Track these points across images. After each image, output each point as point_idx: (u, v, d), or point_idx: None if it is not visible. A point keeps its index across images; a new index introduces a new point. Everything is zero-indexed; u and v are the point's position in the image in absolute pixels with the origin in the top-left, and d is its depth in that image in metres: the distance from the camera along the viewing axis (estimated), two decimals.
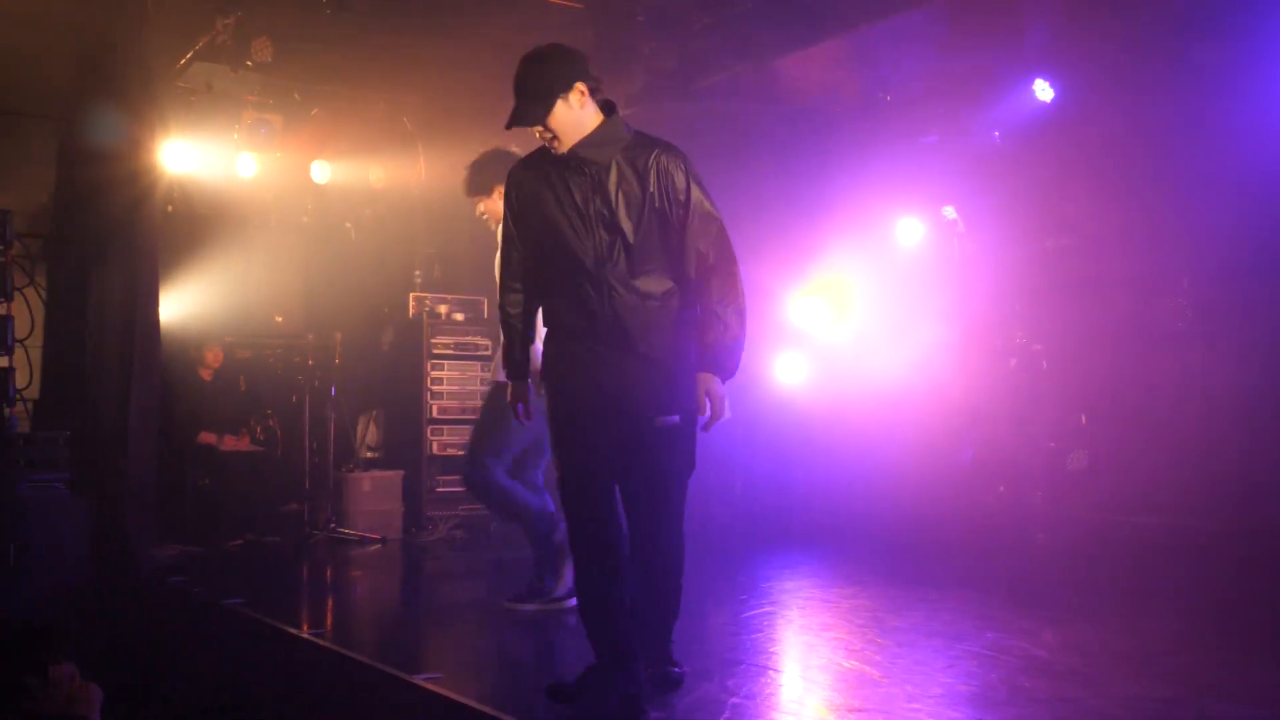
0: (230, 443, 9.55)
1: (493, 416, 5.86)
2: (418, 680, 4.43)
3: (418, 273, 10.67)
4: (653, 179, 3.92)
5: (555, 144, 4.00)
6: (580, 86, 3.95)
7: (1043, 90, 7.89)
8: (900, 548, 7.93)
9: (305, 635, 5.63)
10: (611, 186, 3.93)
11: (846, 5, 7.50)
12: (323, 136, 10.47)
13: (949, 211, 8.75)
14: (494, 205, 5.77)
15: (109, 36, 8.28)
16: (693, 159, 3.99)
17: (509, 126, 4.06)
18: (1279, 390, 6.99)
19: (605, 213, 3.91)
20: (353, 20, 7.97)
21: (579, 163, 3.95)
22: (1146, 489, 7.54)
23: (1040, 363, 8.31)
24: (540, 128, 3.99)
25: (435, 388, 9.77)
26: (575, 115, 3.95)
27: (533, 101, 3.96)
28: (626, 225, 3.90)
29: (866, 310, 9.21)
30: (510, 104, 4.01)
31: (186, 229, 9.99)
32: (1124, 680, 4.42)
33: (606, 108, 4.06)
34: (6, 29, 8.96)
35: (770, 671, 4.78)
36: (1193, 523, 7.15)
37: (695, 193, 3.93)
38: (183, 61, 9.06)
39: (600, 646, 3.96)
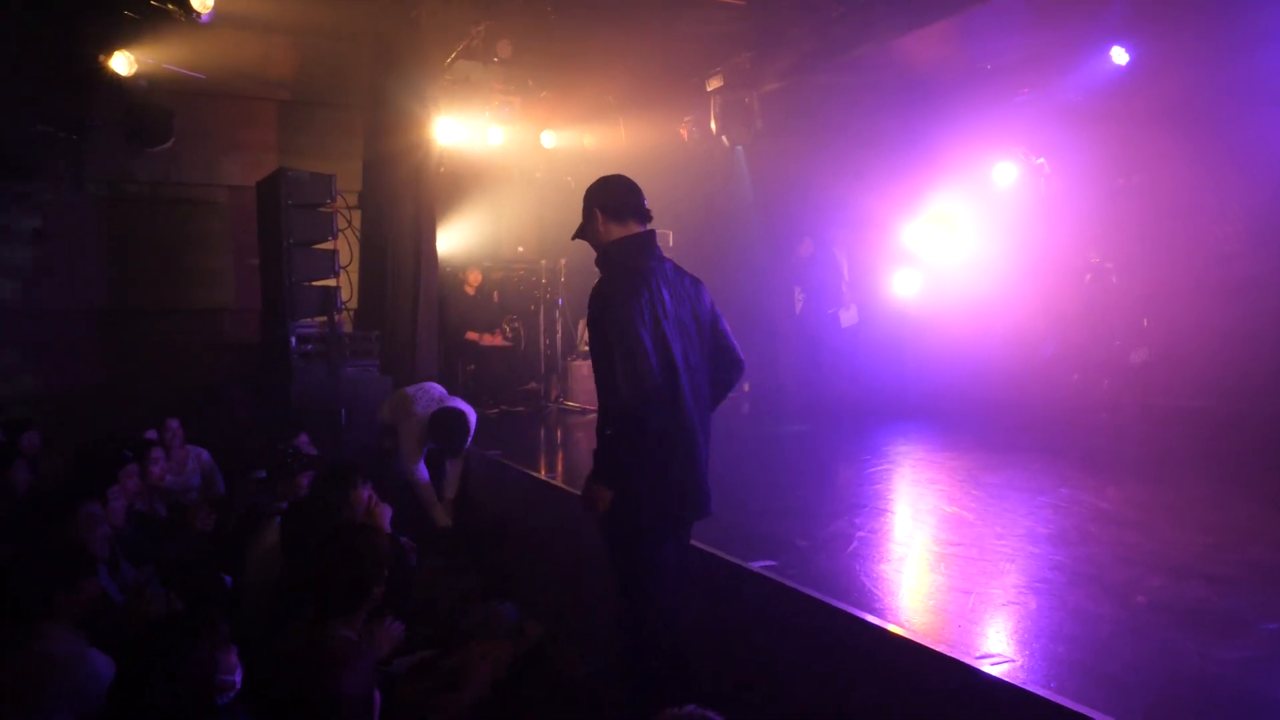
0: (487, 339, 9.85)
1: None
2: None
3: None
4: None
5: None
6: (597, 212, 3.44)
7: (1119, 55, 7.28)
8: (992, 422, 7.69)
9: (542, 477, 5.86)
10: None
11: None
12: (550, 112, 10.53)
13: (1038, 158, 8.27)
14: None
15: (396, 46, 8.53)
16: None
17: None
18: None
19: None
20: (569, 24, 7.96)
21: None
22: (1196, 378, 7.12)
23: (1110, 278, 7.83)
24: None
25: None
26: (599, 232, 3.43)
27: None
28: None
29: (968, 236, 8.85)
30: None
31: (453, 184, 10.26)
32: (1172, 528, 4.24)
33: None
34: (327, 45, 9.35)
35: (888, 513, 4.76)
36: (1233, 407, 6.72)
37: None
38: (448, 60, 9.21)
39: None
